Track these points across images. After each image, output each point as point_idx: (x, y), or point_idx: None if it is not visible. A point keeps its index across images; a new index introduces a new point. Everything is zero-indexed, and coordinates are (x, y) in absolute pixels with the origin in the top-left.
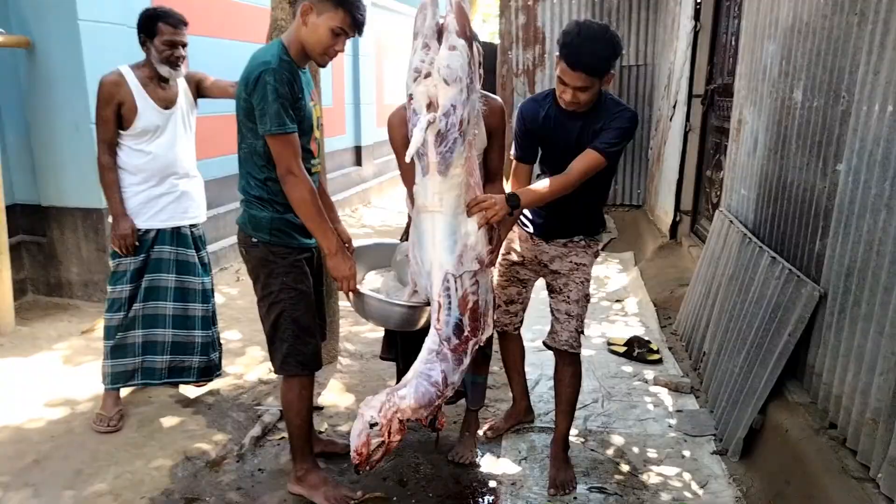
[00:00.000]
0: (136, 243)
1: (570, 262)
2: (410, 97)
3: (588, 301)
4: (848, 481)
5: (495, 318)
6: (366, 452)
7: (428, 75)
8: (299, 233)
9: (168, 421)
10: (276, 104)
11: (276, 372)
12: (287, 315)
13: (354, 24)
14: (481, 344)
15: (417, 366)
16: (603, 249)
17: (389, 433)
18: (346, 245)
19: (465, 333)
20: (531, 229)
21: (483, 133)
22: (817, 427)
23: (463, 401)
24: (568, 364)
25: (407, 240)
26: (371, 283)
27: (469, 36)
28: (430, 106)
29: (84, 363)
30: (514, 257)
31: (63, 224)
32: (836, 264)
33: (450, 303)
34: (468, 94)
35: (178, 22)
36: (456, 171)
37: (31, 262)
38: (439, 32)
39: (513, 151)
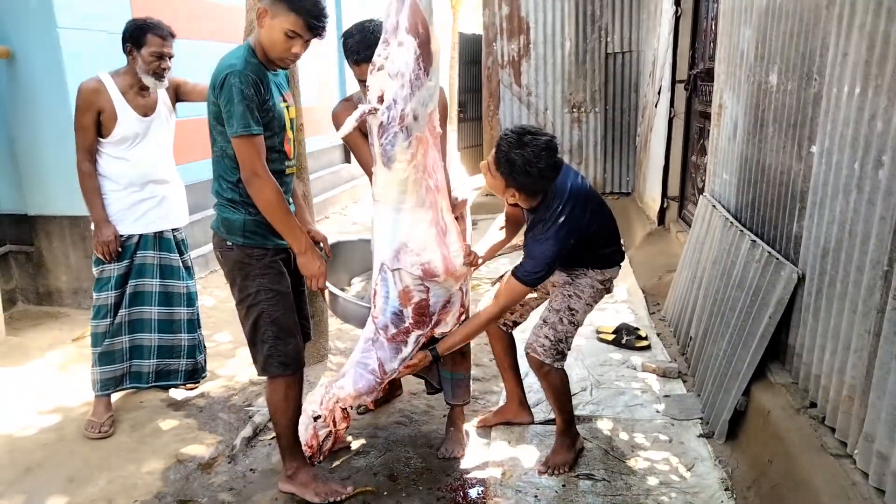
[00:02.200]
0: (119, 249)
1: (567, 277)
2: (367, 88)
3: (573, 316)
4: (826, 458)
5: None
6: (316, 444)
7: (381, 68)
8: (274, 234)
9: (159, 425)
10: (241, 105)
11: (259, 374)
12: (266, 316)
13: (309, 28)
14: (435, 336)
15: (354, 355)
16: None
17: (334, 422)
18: (321, 244)
19: (406, 325)
20: None
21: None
22: (798, 406)
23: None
24: (538, 375)
25: None
26: (357, 289)
27: (421, 33)
28: (381, 98)
29: (75, 370)
30: None
31: (50, 232)
32: (813, 245)
33: (387, 293)
34: (411, 90)
35: (167, 34)
36: (399, 167)
37: (20, 272)
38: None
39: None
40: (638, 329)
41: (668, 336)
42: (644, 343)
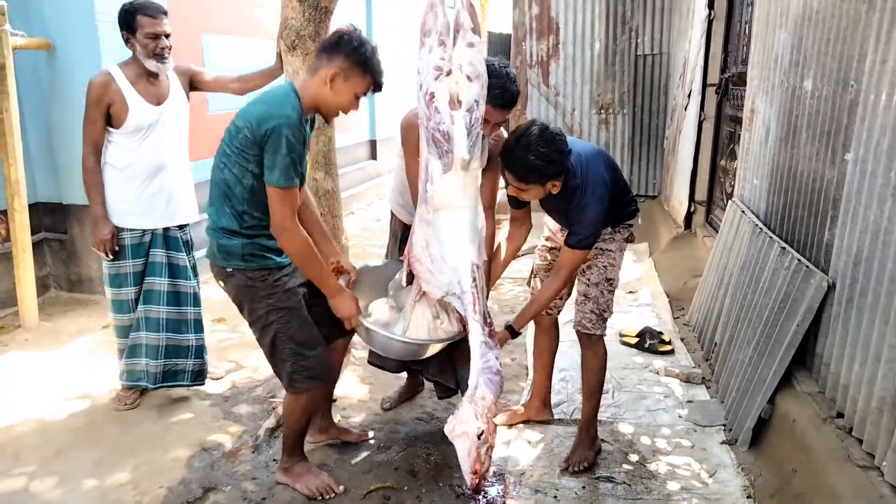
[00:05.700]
0: (116, 248)
1: (596, 247)
2: (432, 95)
3: (611, 286)
4: (853, 469)
5: None
6: (481, 468)
7: (449, 72)
8: (274, 253)
9: (185, 413)
10: (287, 158)
11: (287, 389)
12: (282, 335)
13: (376, 87)
14: None
15: (477, 363)
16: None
17: (493, 432)
18: (349, 273)
19: (489, 319)
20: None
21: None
22: (825, 416)
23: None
24: (584, 347)
25: (397, 257)
26: (376, 312)
27: (478, 32)
28: (452, 103)
29: (104, 357)
30: (551, 244)
31: (83, 221)
32: (844, 254)
33: (480, 292)
34: (483, 90)
35: (156, 12)
36: (475, 165)
37: (53, 259)
38: (454, 29)
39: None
40: (661, 333)
41: (692, 341)
42: (667, 347)
